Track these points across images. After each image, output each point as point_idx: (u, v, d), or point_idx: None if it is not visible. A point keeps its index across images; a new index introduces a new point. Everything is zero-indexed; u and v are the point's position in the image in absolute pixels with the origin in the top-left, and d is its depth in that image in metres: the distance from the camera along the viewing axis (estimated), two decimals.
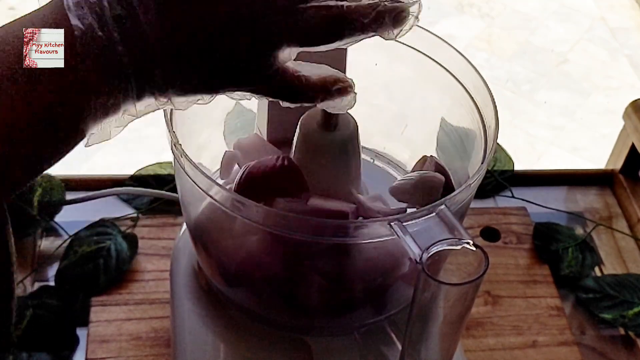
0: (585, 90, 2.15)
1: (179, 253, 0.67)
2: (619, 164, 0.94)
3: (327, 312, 0.59)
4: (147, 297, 0.77)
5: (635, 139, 0.90)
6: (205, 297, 0.62)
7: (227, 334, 0.60)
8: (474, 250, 0.44)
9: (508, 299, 0.81)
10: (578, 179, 0.96)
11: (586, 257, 0.85)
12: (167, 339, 0.73)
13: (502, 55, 2.23)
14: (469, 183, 0.50)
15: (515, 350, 0.76)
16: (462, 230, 0.45)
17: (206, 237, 0.58)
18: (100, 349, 0.72)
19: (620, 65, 2.25)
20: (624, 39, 2.34)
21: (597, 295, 0.81)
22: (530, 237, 0.87)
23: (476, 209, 0.89)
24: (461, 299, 0.46)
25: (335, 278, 0.55)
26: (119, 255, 0.79)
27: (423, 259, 0.43)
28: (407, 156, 0.64)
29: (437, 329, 0.49)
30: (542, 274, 0.84)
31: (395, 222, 0.46)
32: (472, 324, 0.78)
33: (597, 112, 2.07)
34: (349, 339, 0.59)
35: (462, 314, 0.48)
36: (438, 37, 0.57)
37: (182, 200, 0.59)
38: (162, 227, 0.83)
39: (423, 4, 0.42)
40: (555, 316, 0.80)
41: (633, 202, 0.91)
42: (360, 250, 0.52)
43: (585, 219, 0.90)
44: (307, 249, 0.52)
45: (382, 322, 0.58)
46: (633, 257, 0.87)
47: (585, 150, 1.96)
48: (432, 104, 0.63)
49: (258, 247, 0.54)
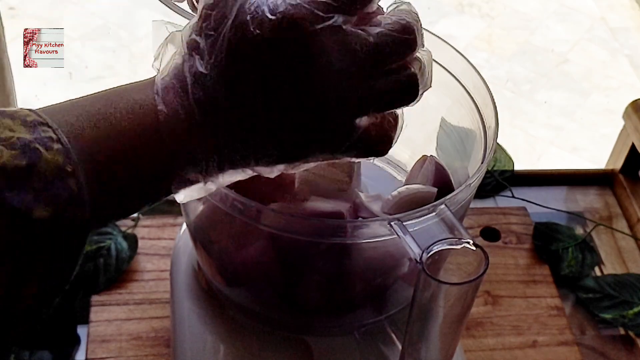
0: (585, 90, 2.15)
1: (179, 253, 0.67)
2: (619, 164, 0.94)
3: (327, 312, 0.59)
4: (147, 297, 0.77)
5: (635, 138, 0.90)
6: (205, 297, 0.62)
7: (227, 334, 0.60)
8: (474, 249, 0.44)
9: (508, 299, 0.81)
10: (578, 179, 0.96)
11: (586, 257, 0.85)
12: (167, 339, 0.73)
13: (502, 55, 2.23)
14: (468, 183, 0.50)
15: (515, 350, 0.76)
16: (462, 229, 0.45)
17: (206, 237, 0.58)
18: (100, 349, 0.72)
19: (620, 65, 2.25)
20: (624, 39, 2.34)
21: (597, 295, 0.82)
22: (530, 237, 0.87)
23: (476, 209, 0.89)
24: (461, 299, 0.46)
25: (335, 278, 0.55)
26: (119, 254, 0.79)
27: (423, 258, 0.43)
28: (407, 156, 0.64)
29: (437, 329, 0.49)
30: (542, 273, 0.84)
31: (395, 222, 0.46)
32: (472, 324, 0.78)
33: (597, 112, 2.07)
34: (349, 339, 0.59)
35: (462, 314, 0.48)
36: (438, 37, 0.57)
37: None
38: (162, 227, 0.83)
39: (423, 4, 0.42)
40: (555, 316, 0.80)
41: (633, 202, 0.91)
42: (360, 250, 0.52)
43: (585, 219, 0.90)
44: (307, 249, 0.52)
45: (382, 322, 0.58)
46: (633, 257, 0.87)
47: (585, 150, 1.96)
48: (432, 104, 0.63)
49: (258, 248, 0.54)
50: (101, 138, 0.37)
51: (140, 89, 0.39)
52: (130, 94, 0.39)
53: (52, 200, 0.34)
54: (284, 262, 0.54)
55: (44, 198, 0.33)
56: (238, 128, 0.39)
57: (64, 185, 0.34)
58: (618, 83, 2.18)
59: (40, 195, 0.33)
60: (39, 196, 0.33)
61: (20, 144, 0.33)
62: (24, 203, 0.33)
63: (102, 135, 0.37)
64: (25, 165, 0.33)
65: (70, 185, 0.34)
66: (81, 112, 0.38)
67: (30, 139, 0.34)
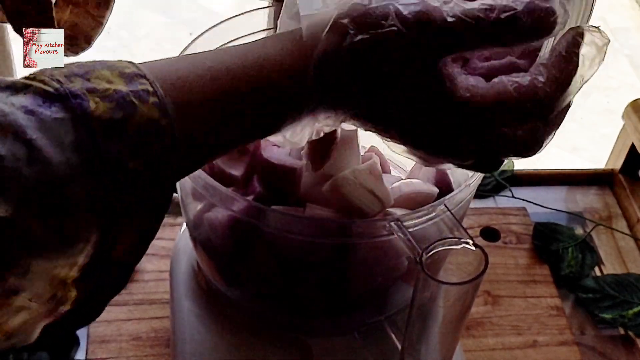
0: (585, 90, 2.13)
1: (179, 253, 0.67)
2: (618, 164, 0.94)
3: (327, 312, 0.59)
4: (147, 297, 0.77)
5: (635, 139, 0.90)
6: (205, 297, 0.62)
7: (227, 334, 0.60)
8: (473, 250, 0.44)
9: (508, 299, 0.81)
10: (578, 179, 0.96)
11: (586, 257, 0.85)
12: (167, 339, 0.73)
13: None
14: (468, 183, 0.50)
15: (515, 350, 0.76)
16: (462, 230, 0.45)
17: (206, 237, 0.58)
18: (100, 349, 0.72)
19: (620, 65, 2.25)
20: (624, 39, 2.34)
21: (597, 295, 0.82)
22: (530, 237, 0.87)
23: (476, 209, 0.89)
24: (461, 299, 0.46)
25: (335, 278, 0.55)
26: None
27: (422, 258, 0.43)
28: None
29: (436, 329, 0.49)
30: (542, 274, 0.84)
31: (395, 222, 0.46)
32: (472, 324, 0.78)
33: (597, 112, 2.07)
34: (349, 339, 0.59)
35: (462, 314, 0.48)
36: None
37: (182, 200, 0.59)
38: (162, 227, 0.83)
39: None
40: (555, 316, 0.80)
41: (633, 202, 0.91)
42: (360, 250, 0.52)
43: (585, 219, 0.90)
44: (307, 250, 0.52)
45: (382, 322, 0.58)
46: (633, 257, 0.87)
47: (585, 150, 1.96)
48: None
49: (258, 248, 0.54)
50: (202, 81, 0.37)
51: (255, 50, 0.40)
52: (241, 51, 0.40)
53: (147, 152, 0.34)
54: (284, 263, 0.54)
55: (139, 150, 0.34)
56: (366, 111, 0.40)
57: (159, 138, 0.35)
58: (618, 83, 2.18)
59: (136, 148, 0.34)
60: (134, 148, 0.34)
61: (117, 96, 0.34)
62: (120, 154, 0.33)
63: (202, 77, 0.38)
64: (121, 118, 0.34)
65: (164, 139, 0.35)
66: (184, 64, 0.38)
67: (126, 91, 0.34)
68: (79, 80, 0.34)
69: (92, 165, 0.33)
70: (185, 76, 0.37)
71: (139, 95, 0.34)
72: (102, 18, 0.53)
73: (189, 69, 0.37)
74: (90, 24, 0.52)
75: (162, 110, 0.35)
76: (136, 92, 0.34)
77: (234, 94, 0.38)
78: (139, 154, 0.34)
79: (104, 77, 0.34)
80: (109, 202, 0.33)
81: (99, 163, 0.33)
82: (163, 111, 0.35)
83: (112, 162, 0.33)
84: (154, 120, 0.35)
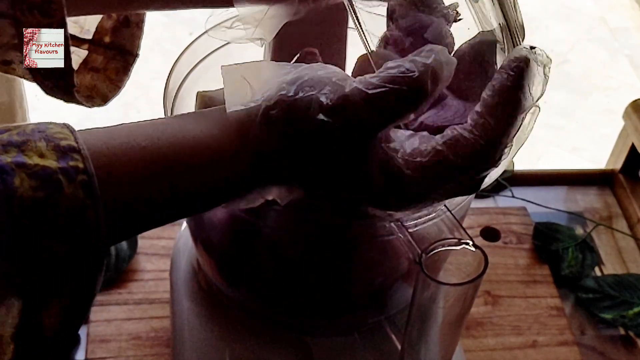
0: (585, 90, 2.15)
1: (179, 253, 0.67)
2: (619, 164, 0.94)
3: (327, 312, 0.59)
4: (146, 296, 0.77)
5: (635, 139, 0.90)
6: (205, 296, 0.62)
7: (227, 334, 0.60)
8: (473, 250, 0.44)
9: (508, 299, 0.81)
10: (578, 179, 0.96)
11: (586, 257, 0.85)
12: (167, 339, 0.73)
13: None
14: None
15: (515, 350, 0.77)
16: (462, 230, 0.45)
17: (206, 236, 0.58)
18: (100, 349, 0.72)
19: (620, 65, 2.25)
20: (624, 39, 2.34)
21: (597, 295, 0.82)
22: (530, 237, 0.87)
23: (476, 209, 0.89)
24: (460, 299, 0.46)
25: (335, 278, 0.55)
26: (119, 254, 0.79)
27: (422, 259, 0.43)
28: None
29: (436, 329, 0.49)
30: (542, 274, 0.84)
31: (395, 223, 0.46)
32: (472, 324, 0.78)
33: (596, 112, 2.07)
34: (349, 339, 0.59)
35: (462, 314, 0.48)
36: None
37: None
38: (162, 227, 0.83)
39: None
40: (555, 316, 0.80)
41: (633, 202, 0.91)
42: (360, 250, 0.52)
43: (585, 219, 0.90)
44: (307, 249, 0.52)
45: (382, 322, 0.58)
46: (633, 257, 0.87)
47: (585, 150, 1.96)
48: None
49: (257, 247, 0.54)
50: (137, 160, 0.37)
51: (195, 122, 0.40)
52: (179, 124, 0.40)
53: (68, 233, 0.34)
54: (284, 263, 0.54)
55: (59, 231, 0.33)
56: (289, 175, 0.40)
57: (82, 219, 0.34)
58: (618, 83, 2.18)
59: (56, 228, 0.33)
60: (54, 229, 0.33)
61: (44, 174, 0.33)
62: (39, 235, 0.33)
63: (137, 156, 0.37)
64: (44, 197, 0.33)
65: (88, 219, 0.34)
66: (123, 135, 0.38)
67: (55, 168, 0.34)
68: (13, 151, 0.33)
69: (10, 246, 0.32)
70: (120, 152, 0.37)
71: (67, 173, 0.34)
72: (120, 82, 0.54)
73: (124, 143, 0.37)
74: (108, 87, 0.53)
75: (88, 189, 0.34)
76: (65, 169, 0.34)
77: (162, 174, 0.38)
78: (59, 234, 0.33)
79: (38, 150, 0.34)
80: (26, 281, 0.33)
81: (17, 244, 0.32)
82: (88, 190, 0.34)
83: (29, 244, 0.33)
84: (79, 199, 0.34)
